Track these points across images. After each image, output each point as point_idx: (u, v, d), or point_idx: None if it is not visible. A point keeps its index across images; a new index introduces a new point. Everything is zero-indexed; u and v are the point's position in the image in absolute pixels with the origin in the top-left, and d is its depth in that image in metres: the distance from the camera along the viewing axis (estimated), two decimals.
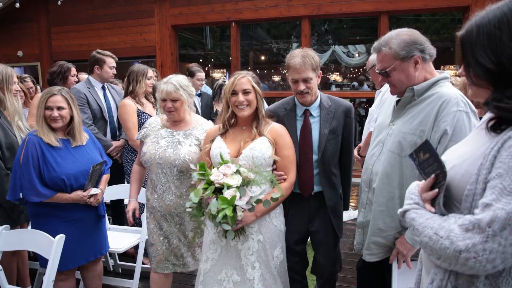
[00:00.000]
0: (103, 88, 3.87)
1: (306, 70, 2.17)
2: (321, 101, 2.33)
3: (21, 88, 3.57)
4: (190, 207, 2.00)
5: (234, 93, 2.12)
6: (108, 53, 3.84)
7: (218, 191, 1.91)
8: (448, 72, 1.93)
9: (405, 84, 1.88)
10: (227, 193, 1.86)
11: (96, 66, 3.77)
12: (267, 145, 2.12)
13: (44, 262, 2.35)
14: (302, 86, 2.19)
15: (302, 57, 2.17)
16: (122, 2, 6.83)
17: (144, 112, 3.54)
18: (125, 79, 3.80)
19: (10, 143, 2.74)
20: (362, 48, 8.00)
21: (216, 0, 6.31)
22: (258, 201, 1.95)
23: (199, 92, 4.76)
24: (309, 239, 2.51)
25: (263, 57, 9.90)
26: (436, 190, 1.11)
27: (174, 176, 2.43)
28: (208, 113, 4.61)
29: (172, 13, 6.60)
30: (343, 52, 7.90)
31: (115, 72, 3.91)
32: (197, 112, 4.62)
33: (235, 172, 1.93)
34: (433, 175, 1.13)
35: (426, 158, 1.16)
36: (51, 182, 2.43)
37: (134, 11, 6.77)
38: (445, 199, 1.12)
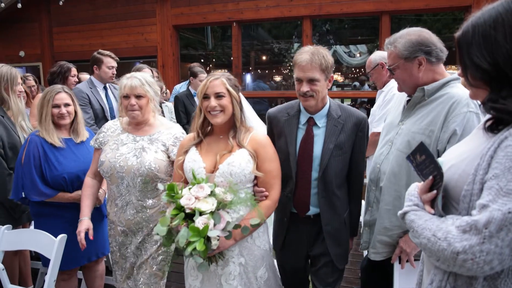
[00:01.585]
0: (105, 88, 3.89)
1: (312, 69, 1.88)
2: (330, 109, 2.02)
3: (23, 89, 3.59)
4: (158, 234, 1.75)
5: (206, 97, 1.88)
6: (108, 52, 3.84)
7: (190, 217, 1.67)
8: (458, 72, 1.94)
9: (408, 83, 1.91)
10: (199, 221, 1.62)
11: (95, 66, 3.79)
12: (247, 159, 1.88)
13: (46, 261, 2.35)
14: (305, 87, 1.91)
15: (311, 54, 1.89)
16: (124, 2, 6.83)
17: None
18: None
19: (13, 143, 2.76)
20: (363, 48, 7.98)
21: (217, 0, 6.31)
22: (237, 227, 1.73)
23: None
24: None
25: (264, 57, 9.88)
26: (435, 191, 1.11)
27: (136, 188, 2.18)
28: None
29: (173, 13, 6.61)
30: (345, 52, 7.89)
31: (115, 72, 3.90)
32: (189, 112, 4.62)
33: (209, 195, 1.69)
34: (430, 177, 1.13)
35: (422, 160, 1.17)
36: (53, 181, 2.44)
37: (135, 11, 6.77)
38: (444, 199, 1.13)
